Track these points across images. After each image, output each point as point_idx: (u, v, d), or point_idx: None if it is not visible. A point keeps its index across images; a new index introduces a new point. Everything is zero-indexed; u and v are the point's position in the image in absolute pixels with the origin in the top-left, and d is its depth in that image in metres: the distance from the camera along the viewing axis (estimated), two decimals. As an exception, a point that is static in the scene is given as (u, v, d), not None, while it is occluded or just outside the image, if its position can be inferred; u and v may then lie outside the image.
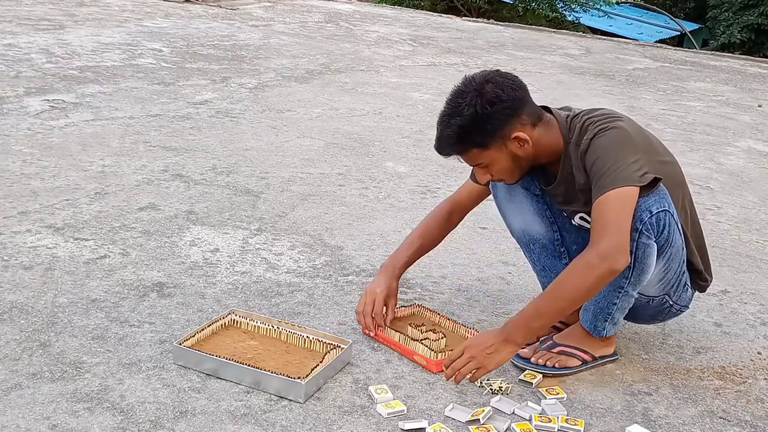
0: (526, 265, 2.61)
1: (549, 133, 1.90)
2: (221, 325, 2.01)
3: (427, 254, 2.39)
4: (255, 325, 2.01)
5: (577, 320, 2.04)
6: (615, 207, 1.72)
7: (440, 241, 2.20)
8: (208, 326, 1.98)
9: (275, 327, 2.00)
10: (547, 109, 1.96)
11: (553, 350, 2.00)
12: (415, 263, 2.17)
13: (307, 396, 1.77)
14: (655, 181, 1.78)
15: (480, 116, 1.81)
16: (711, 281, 2.09)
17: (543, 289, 2.14)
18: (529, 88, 1.94)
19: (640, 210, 1.78)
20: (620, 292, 1.89)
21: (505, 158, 1.88)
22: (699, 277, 2.04)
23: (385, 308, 2.07)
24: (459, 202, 2.17)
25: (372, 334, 2.05)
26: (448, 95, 1.87)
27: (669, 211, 1.82)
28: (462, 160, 1.92)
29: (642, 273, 1.85)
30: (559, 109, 1.99)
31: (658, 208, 1.80)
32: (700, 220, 3.27)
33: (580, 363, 1.99)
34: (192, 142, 3.60)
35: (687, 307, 2.05)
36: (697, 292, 2.08)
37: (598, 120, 1.86)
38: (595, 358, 2.01)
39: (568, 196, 1.96)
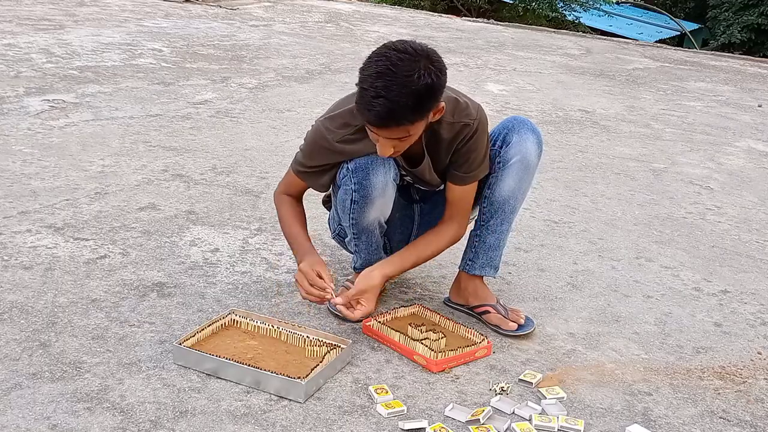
0: (526, 265, 2.62)
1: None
2: (221, 325, 2.01)
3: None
4: (255, 325, 2.01)
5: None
6: (470, 196, 2.13)
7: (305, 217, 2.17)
8: (208, 326, 1.98)
9: (275, 327, 2.00)
10: None
11: (501, 313, 2.16)
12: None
13: (307, 396, 1.77)
14: None
15: (434, 85, 1.78)
16: None
17: (372, 259, 2.17)
18: (528, 88, 1.95)
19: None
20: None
21: (422, 128, 1.88)
22: None
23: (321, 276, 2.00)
24: (295, 196, 2.15)
25: (330, 298, 1.99)
26: (382, 61, 1.77)
27: None
28: (379, 133, 1.84)
29: None
30: None
31: None
32: (701, 221, 3.28)
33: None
34: (192, 142, 3.60)
35: None
36: None
37: (461, 99, 2.00)
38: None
39: (431, 171, 2.08)
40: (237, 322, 2.04)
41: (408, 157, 2.05)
